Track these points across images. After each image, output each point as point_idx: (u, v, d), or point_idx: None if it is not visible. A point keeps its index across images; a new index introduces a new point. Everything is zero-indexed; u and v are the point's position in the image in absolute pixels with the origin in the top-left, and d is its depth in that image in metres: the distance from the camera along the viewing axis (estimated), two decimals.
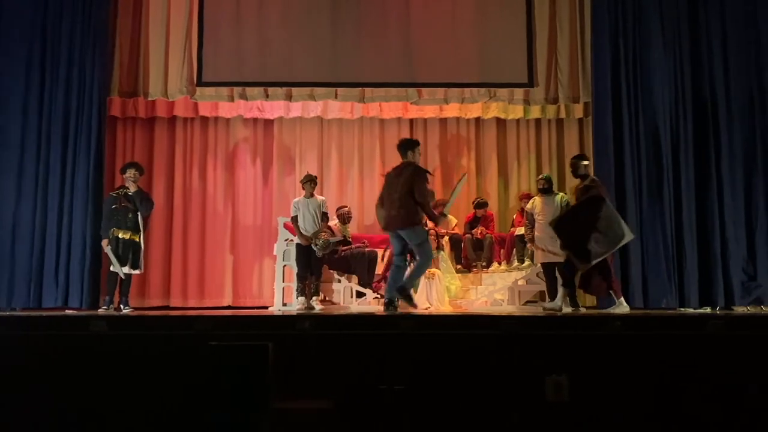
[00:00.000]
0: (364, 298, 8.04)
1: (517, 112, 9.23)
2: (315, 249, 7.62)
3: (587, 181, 6.93)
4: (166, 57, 8.23)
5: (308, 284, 7.73)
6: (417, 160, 6.53)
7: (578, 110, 8.97)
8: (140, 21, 8.30)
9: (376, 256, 8.11)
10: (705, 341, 5.00)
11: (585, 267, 6.58)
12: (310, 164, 9.24)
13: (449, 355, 4.88)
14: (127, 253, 7.21)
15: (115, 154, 8.79)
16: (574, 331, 5.38)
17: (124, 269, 7.19)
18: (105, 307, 7.20)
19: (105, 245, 7.23)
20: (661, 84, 7.87)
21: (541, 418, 4.66)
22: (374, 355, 4.82)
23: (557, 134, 9.48)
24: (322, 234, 7.71)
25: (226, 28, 8.22)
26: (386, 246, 8.39)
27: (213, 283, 9.05)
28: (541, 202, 7.50)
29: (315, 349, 4.91)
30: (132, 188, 7.36)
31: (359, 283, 8.06)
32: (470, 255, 8.59)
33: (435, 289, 7.76)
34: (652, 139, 7.82)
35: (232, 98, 8.46)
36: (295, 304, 7.72)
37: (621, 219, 6.76)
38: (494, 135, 9.53)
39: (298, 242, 7.74)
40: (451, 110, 9.23)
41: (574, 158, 7.29)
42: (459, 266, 8.53)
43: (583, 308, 7.35)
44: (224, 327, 5.33)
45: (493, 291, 8.11)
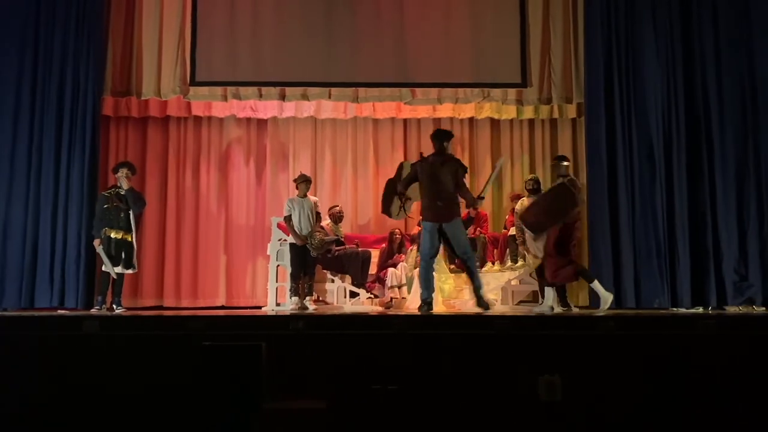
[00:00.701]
0: (358, 298, 8.04)
1: (510, 112, 9.24)
2: (310, 249, 7.62)
3: (566, 180, 6.96)
4: (159, 56, 8.21)
5: (302, 284, 7.73)
6: (451, 152, 6.73)
7: (571, 110, 8.99)
8: (133, 20, 8.29)
9: (369, 256, 8.11)
10: (697, 341, 5.02)
11: (536, 234, 6.80)
12: (304, 164, 9.23)
13: (442, 355, 4.89)
14: (119, 252, 7.18)
15: (108, 154, 8.76)
16: (566, 330, 5.40)
17: (117, 269, 7.17)
18: (97, 307, 7.17)
19: (97, 245, 7.19)
20: (654, 84, 7.90)
21: (534, 418, 4.67)
22: (367, 355, 4.83)
23: (550, 134, 9.49)
24: (317, 234, 7.71)
25: (220, 27, 8.20)
26: (381, 246, 8.42)
27: (206, 283, 9.03)
28: (530, 202, 7.52)
29: (308, 349, 4.91)
30: (125, 187, 7.33)
31: (353, 283, 8.06)
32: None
33: None
34: (645, 139, 7.85)
35: (225, 98, 8.46)
36: (289, 304, 7.71)
37: (577, 198, 6.83)
38: (488, 135, 9.53)
39: (292, 242, 7.74)
40: (445, 110, 9.24)
41: (557, 158, 7.39)
42: (452, 266, 8.52)
43: (575, 308, 7.37)
44: (217, 327, 5.32)
45: (487, 291, 8.10)
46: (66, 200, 7.64)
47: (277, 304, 8.00)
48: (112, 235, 7.17)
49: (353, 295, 8.08)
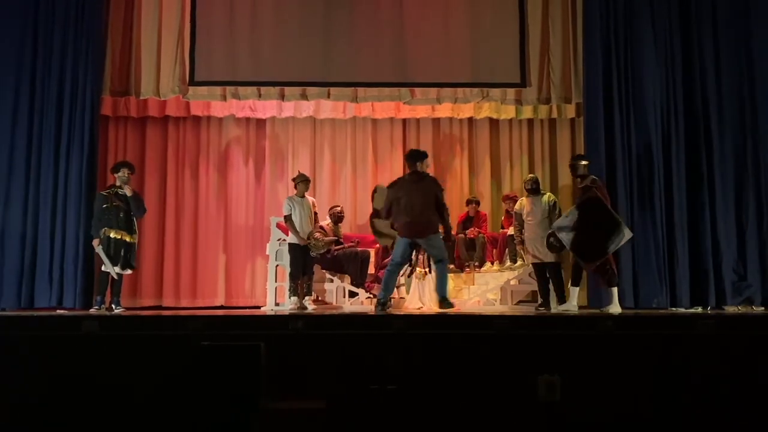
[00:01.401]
0: (357, 297, 8.04)
1: (509, 112, 9.25)
2: (309, 248, 7.62)
3: (587, 181, 6.98)
4: (158, 56, 8.20)
5: (301, 284, 7.73)
6: (425, 171, 6.85)
7: (570, 110, 8.99)
8: (132, 20, 8.27)
9: (368, 256, 8.11)
10: (696, 341, 5.02)
11: (591, 267, 6.80)
12: (303, 164, 9.23)
13: (441, 355, 4.89)
14: (119, 252, 7.17)
15: (107, 154, 8.75)
16: (565, 330, 5.40)
17: (116, 269, 7.15)
18: (96, 307, 7.16)
19: (96, 245, 7.17)
20: (653, 84, 7.90)
21: (533, 418, 4.68)
22: (366, 355, 4.83)
23: (549, 134, 9.50)
24: (317, 233, 7.71)
25: (219, 27, 8.19)
26: (378, 246, 8.42)
27: (205, 282, 9.03)
28: (529, 202, 7.52)
29: (307, 349, 4.91)
30: (126, 189, 7.31)
31: (352, 283, 8.06)
32: (463, 255, 8.60)
33: (427, 290, 7.77)
34: (644, 139, 7.85)
35: (224, 97, 8.45)
36: (288, 303, 7.71)
37: (619, 218, 6.85)
38: (487, 135, 9.54)
39: (292, 241, 7.73)
40: (444, 110, 9.24)
41: (574, 158, 7.41)
42: (452, 266, 8.53)
43: (576, 308, 7.37)
44: (217, 327, 5.33)
45: (486, 291, 8.12)
46: (64, 200, 7.63)
47: (276, 304, 8.00)
48: (112, 235, 7.15)
49: (352, 294, 8.08)
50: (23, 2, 7.84)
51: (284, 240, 7.98)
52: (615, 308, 6.73)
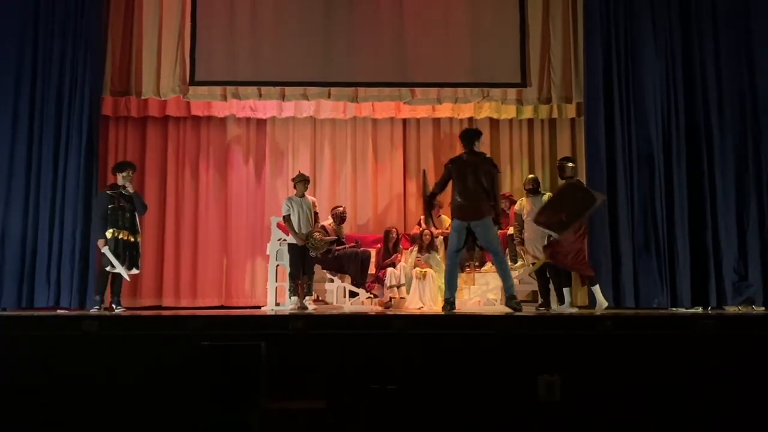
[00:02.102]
0: (357, 297, 8.04)
1: (509, 112, 9.24)
2: (309, 248, 7.62)
3: (573, 182, 7.07)
4: (158, 56, 8.19)
5: (301, 284, 7.72)
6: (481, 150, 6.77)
7: (571, 110, 8.98)
8: (133, 19, 8.26)
9: (369, 256, 8.11)
10: (696, 341, 5.02)
11: (562, 234, 6.73)
12: (303, 164, 9.23)
13: (442, 355, 4.89)
14: (126, 253, 7.15)
15: (107, 154, 8.74)
16: (565, 330, 5.40)
17: (116, 269, 7.13)
18: (96, 307, 7.16)
19: (102, 245, 7.11)
20: (653, 84, 7.89)
21: (533, 418, 4.68)
22: (367, 355, 4.83)
23: (550, 134, 9.49)
24: (316, 233, 7.71)
25: (219, 27, 8.19)
26: (378, 246, 8.43)
27: (205, 282, 9.03)
28: (529, 203, 7.53)
29: (307, 349, 4.91)
30: (130, 188, 7.32)
31: (352, 283, 8.06)
32: (463, 255, 8.58)
33: (428, 289, 7.78)
34: (644, 139, 7.84)
35: (224, 97, 8.44)
36: (288, 303, 7.71)
37: (590, 190, 6.99)
38: (487, 135, 9.50)
39: (291, 242, 7.73)
40: (444, 110, 9.23)
41: (562, 160, 7.45)
42: None
43: (575, 308, 7.37)
44: (217, 327, 5.32)
45: (486, 291, 8.11)
46: (62, 200, 7.61)
47: (277, 304, 8.00)
48: (120, 235, 7.13)
49: (353, 294, 8.07)
50: (23, 3, 7.83)
51: (284, 240, 7.98)
52: (602, 305, 6.78)
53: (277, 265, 8.12)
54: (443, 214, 8.53)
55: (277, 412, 4.33)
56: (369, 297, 8.08)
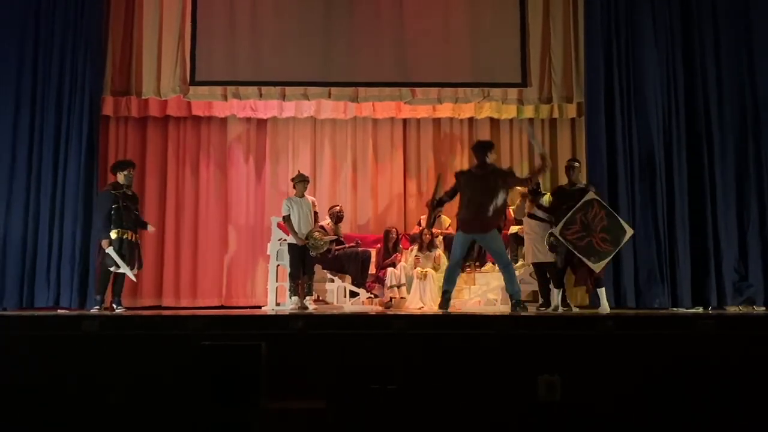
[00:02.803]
0: (358, 297, 8.03)
1: (510, 112, 9.23)
2: (309, 248, 7.61)
3: (583, 185, 7.07)
4: (158, 56, 8.19)
5: (301, 284, 7.72)
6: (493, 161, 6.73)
7: (571, 110, 8.97)
8: (133, 19, 8.26)
9: (369, 256, 8.11)
10: (697, 341, 5.02)
11: (600, 270, 6.70)
12: (303, 164, 9.22)
13: (442, 355, 4.89)
14: (130, 253, 7.15)
15: (107, 154, 8.74)
16: (566, 330, 5.40)
17: (122, 269, 7.12)
18: (97, 307, 7.15)
19: (106, 245, 7.06)
20: (654, 84, 7.89)
21: (533, 418, 4.67)
22: (367, 355, 4.83)
23: (550, 134, 9.49)
24: (316, 233, 7.70)
25: (220, 26, 8.19)
26: (378, 246, 8.43)
27: (206, 282, 9.03)
28: (530, 206, 7.52)
29: (308, 349, 4.91)
30: (131, 188, 7.34)
31: (352, 283, 8.06)
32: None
33: (428, 289, 7.78)
34: (645, 138, 7.84)
35: (225, 97, 8.43)
36: (289, 303, 7.71)
37: (618, 216, 6.89)
38: (488, 135, 9.52)
39: (291, 242, 7.73)
40: (445, 110, 9.23)
41: (571, 161, 7.44)
42: None
43: (575, 308, 7.37)
44: (217, 327, 5.32)
45: (487, 291, 8.11)
46: (62, 199, 7.61)
47: (277, 304, 7.99)
48: (125, 236, 7.11)
49: (353, 294, 8.07)
50: (24, 3, 7.83)
51: (285, 240, 7.98)
52: (604, 308, 6.77)
53: (278, 265, 8.11)
54: (443, 214, 8.53)
55: (277, 412, 4.33)
56: (369, 297, 8.08)
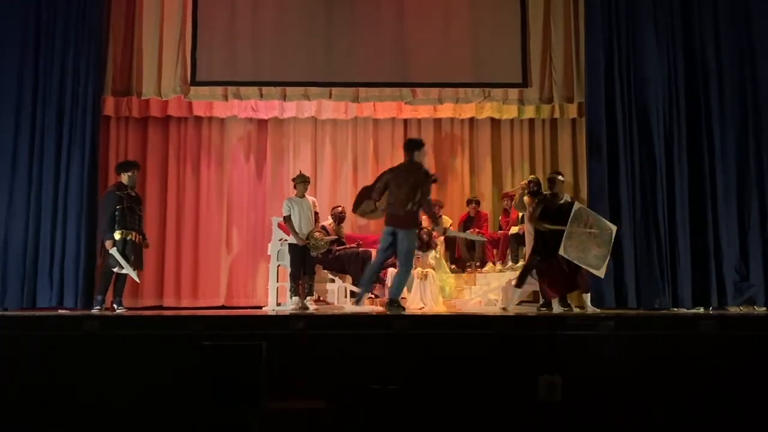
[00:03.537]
0: None
1: (511, 112, 9.23)
2: (310, 249, 7.62)
3: (569, 199, 7.20)
4: (159, 56, 8.19)
5: (302, 284, 7.72)
6: (423, 161, 6.76)
7: (572, 110, 8.96)
8: (134, 20, 8.26)
9: (370, 256, 8.09)
10: (697, 341, 5.02)
11: (602, 274, 6.89)
12: (304, 164, 9.23)
13: (443, 355, 4.89)
14: (133, 254, 7.14)
15: (108, 154, 8.75)
16: (567, 331, 5.40)
17: (125, 270, 7.12)
18: (98, 307, 7.16)
19: (110, 246, 7.06)
20: (655, 83, 7.88)
21: (534, 418, 4.67)
22: (368, 355, 4.83)
23: (551, 134, 9.48)
24: (317, 233, 7.71)
25: (221, 27, 8.18)
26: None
27: (207, 283, 9.03)
28: (530, 203, 7.53)
29: (308, 349, 4.92)
30: (135, 189, 7.34)
31: (353, 283, 8.06)
32: (464, 255, 8.60)
33: (429, 289, 7.77)
34: (646, 139, 7.83)
35: (226, 98, 8.43)
36: (289, 303, 7.71)
37: (600, 216, 7.05)
38: (488, 135, 9.53)
39: (292, 242, 7.73)
40: (445, 110, 9.23)
41: (554, 173, 7.47)
42: (453, 266, 8.54)
43: (576, 308, 7.37)
44: (218, 327, 5.33)
45: (487, 291, 8.12)
46: (65, 200, 7.61)
47: (278, 304, 8.00)
48: (129, 237, 7.10)
49: (354, 295, 8.06)
50: (25, 3, 7.84)
51: (285, 240, 7.98)
52: (593, 309, 6.91)
53: (278, 266, 8.12)
54: (444, 214, 8.54)
55: (277, 412, 4.33)
56: (370, 297, 8.07)
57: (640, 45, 7.96)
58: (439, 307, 7.64)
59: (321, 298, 8.23)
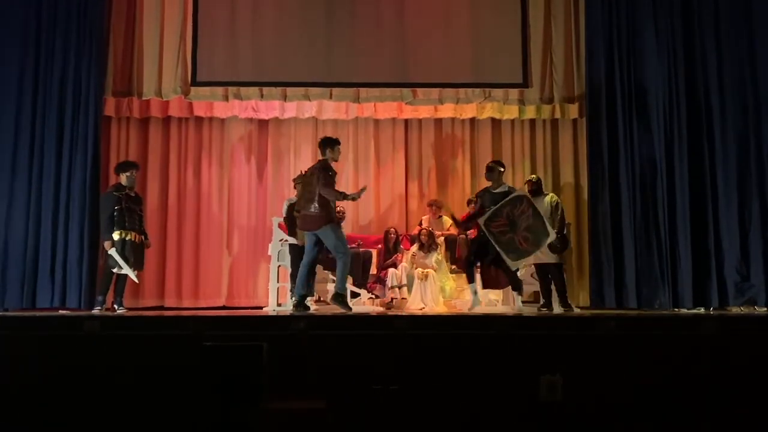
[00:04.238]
0: (359, 298, 8.04)
1: (512, 112, 9.21)
2: None
3: (506, 188, 7.22)
4: (160, 56, 8.21)
5: None
6: (336, 158, 6.84)
7: (573, 110, 8.95)
8: (134, 20, 8.28)
9: (370, 257, 8.11)
10: (698, 341, 5.02)
11: (515, 266, 6.95)
12: (305, 164, 9.18)
13: (443, 356, 4.90)
14: (134, 255, 7.14)
15: (109, 154, 8.75)
16: (567, 331, 5.40)
17: (124, 270, 7.12)
18: (99, 307, 7.16)
19: (108, 247, 7.06)
20: (656, 84, 7.88)
21: (535, 418, 4.68)
22: (368, 356, 4.84)
23: (552, 135, 9.47)
24: None
25: (221, 27, 8.20)
26: (380, 246, 8.43)
27: (207, 283, 9.03)
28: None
29: (309, 349, 4.92)
30: (134, 189, 7.34)
31: (353, 284, 8.05)
32: (464, 255, 8.58)
33: (429, 290, 7.78)
34: (646, 139, 7.83)
35: (226, 98, 8.44)
36: (290, 304, 7.70)
37: (544, 218, 7.00)
38: (489, 135, 9.52)
39: (293, 242, 7.73)
40: (446, 111, 9.22)
41: (494, 163, 7.52)
42: (453, 266, 8.53)
43: (576, 308, 7.37)
44: (219, 327, 5.34)
45: (488, 291, 8.10)
46: (67, 201, 7.62)
47: (279, 305, 8.00)
48: (127, 237, 7.11)
49: (354, 295, 8.07)
50: (25, 4, 7.85)
51: (286, 240, 7.99)
52: (520, 309, 7.04)
53: (279, 266, 8.13)
54: (444, 215, 8.55)
55: (277, 412, 4.33)
56: (370, 297, 8.08)
57: (640, 45, 7.96)
58: (440, 308, 7.64)
59: (321, 299, 8.23)
